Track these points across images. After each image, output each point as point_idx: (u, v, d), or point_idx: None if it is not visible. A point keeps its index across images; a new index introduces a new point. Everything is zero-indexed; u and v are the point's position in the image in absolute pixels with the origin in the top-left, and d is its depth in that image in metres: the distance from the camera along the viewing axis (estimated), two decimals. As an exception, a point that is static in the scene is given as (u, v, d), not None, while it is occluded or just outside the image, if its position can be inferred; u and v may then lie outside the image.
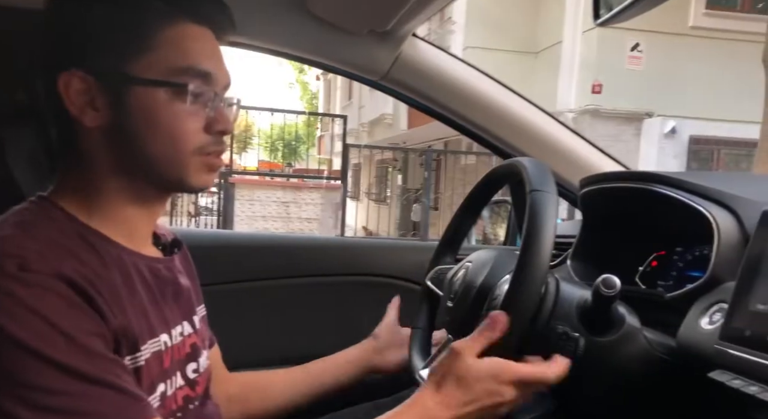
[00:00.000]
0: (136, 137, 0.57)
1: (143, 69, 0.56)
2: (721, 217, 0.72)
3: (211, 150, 0.60)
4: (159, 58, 0.56)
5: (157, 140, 0.57)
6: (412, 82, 1.10)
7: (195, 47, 0.58)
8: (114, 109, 0.56)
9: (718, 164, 7.53)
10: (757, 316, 0.57)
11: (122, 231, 0.59)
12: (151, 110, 0.57)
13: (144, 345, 0.56)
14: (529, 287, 0.63)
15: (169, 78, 0.57)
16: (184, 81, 0.57)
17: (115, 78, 0.56)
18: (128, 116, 0.57)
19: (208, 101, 0.59)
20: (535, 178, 0.69)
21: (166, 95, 0.57)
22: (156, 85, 0.56)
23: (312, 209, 7.25)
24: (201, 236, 1.28)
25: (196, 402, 0.65)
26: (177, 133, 0.58)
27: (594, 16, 0.72)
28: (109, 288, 0.53)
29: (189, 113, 0.58)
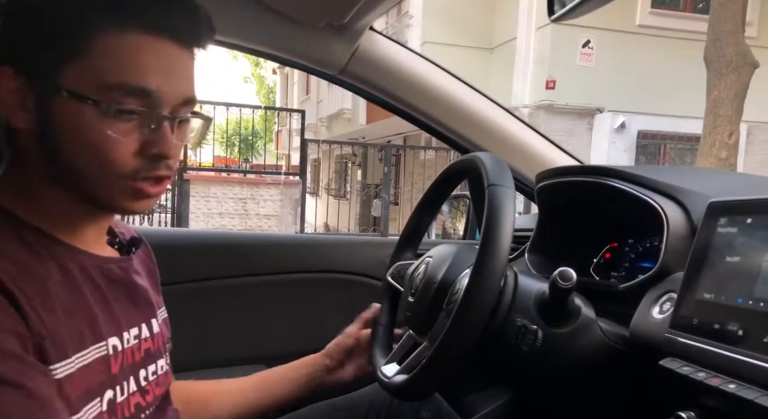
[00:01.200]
0: (61, 148, 0.52)
1: (73, 78, 0.51)
2: (670, 209, 0.74)
3: (145, 175, 0.54)
4: (92, 68, 0.51)
5: (83, 156, 0.52)
6: (370, 77, 1.09)
7: (137, 60, 0.51)
8: (41, 114, 0.52)
9: (664, 157, 7.85)
10: (703, 305, 0.60)
11: (67, 231, 0.56)
12: (76, 125, 0.51)
13: (84, 350, 0.53)
14: (488, 281, 0.63)
15: (97, 93, 0.50)
16: (113, 99, 0.51)
17: (44, 82, 0.51)
18: (53, 125, 0.52)
19: (148, 122, 0.53)
20: (492, 173, 0.70)
21: (93, 112, 0.51)
22: (81, 99, 0.50)
23: (270, 205, 7.14)
24: (153, 234, 1.23)
25: (148, 410, 0.62)
26: (103, 154, 0.52)
27: (548, 13, 0.73)
28: (39, 289, 0.49)
29: (120, 134, 0.52)
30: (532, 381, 0.76)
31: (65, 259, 0.54)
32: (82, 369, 0.52)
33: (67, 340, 0.51)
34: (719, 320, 0.57)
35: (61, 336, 0.50)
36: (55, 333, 0.50)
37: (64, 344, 0.51)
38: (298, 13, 0.98)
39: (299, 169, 7.45)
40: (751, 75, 5.57)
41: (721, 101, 5.61)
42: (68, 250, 0.55)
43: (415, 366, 0.71)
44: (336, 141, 8.59)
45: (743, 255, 0.58)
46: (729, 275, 0.58)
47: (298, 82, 16.41)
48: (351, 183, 10.32)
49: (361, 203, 9.10)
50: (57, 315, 0.50)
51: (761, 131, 7.89)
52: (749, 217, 0.58)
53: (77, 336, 0.52)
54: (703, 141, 5.80)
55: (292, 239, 1.39)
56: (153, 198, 0.57)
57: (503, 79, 7.70)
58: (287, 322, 1.19)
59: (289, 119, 8.95)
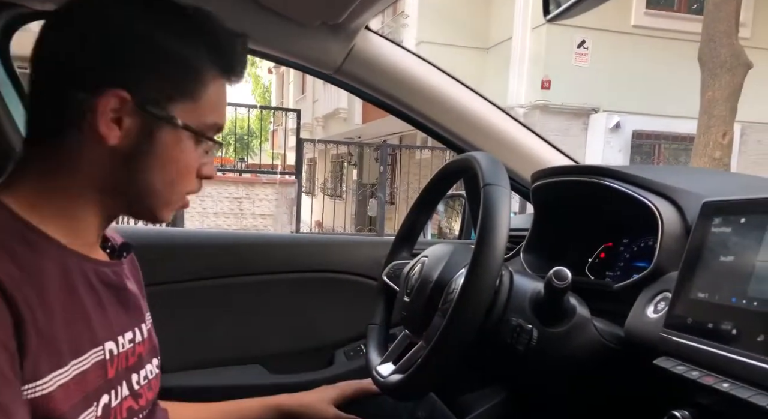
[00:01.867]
0: (146, 167, 0.57)
1: (181, 112, 0.57)
2: (664, 209, 0.74)
3: (193, 191, 0.63)
4: (197, 108, 0.58)
5: (164, 177, 0.59)
6: (366, 76, 1.09)
7: (221, 103, 0.61)
8: (140, 137, 0.56)
9: (658, 157, 7.88)
10: (698, 304, 0.60)
11: (71, 234, 0.56)
12: (173, 150, 0.58)
13: (82, 355, 0.53)
14: (484, 280, 0.63)
15: (201, 129, 0.59)
16: (210, 134, 0.60)
17: (156, 112, 0.56)
18: (150, 148, 0.57)
19: (212, 150, 0.62)
20: (488, 172, 0.70)
21: (191, 142, 0.59)
22: (188, 132, 0.58)
23: (266, 204, 7.12)
24: (149, 233, 1.23)
25: (140, 414, 0.62)
26: (183, 174, 0.60)
27: (544, 12, 0.73)
28: (41, 292, 0.49)
29: (195, 158, 0.60)
30: (527, 381, 0.76)
31: (66, 262, 0.54)
32: (80, 375, 0.52)
33: (64, 346, 0.51)
34: (713, 319, 0.57)
35: (59, 341, 0.50)
36: (52, 339, 0.49)
37: (62, 350, 0.50)
38: (293, 12, 0.98)
39: (295, 168, 7.44)
40: (745, 75, 5.60)
41: (715, 102, 5.64)
42: (70, 253, 0.55)
43: (411, 366, 0.71)
44: (332, 141, 8.59)
45: (737, 255, 0.58)
46: (723, 275, 0.59)
47: (293, 81, 16.38)
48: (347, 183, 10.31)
49: (357, 203, 9.10)
50: (57, 319, 0.50)
51: (755, 131, 7.93)
52: (743, 217, 0.59)
53: (76, 340, 0.52)
54: (697, 141, 5.82)
55: (288, 239, 1.39)
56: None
57: (499, 79, 7.72)
58: (283, 322, 1.18)
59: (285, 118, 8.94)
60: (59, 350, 0.50)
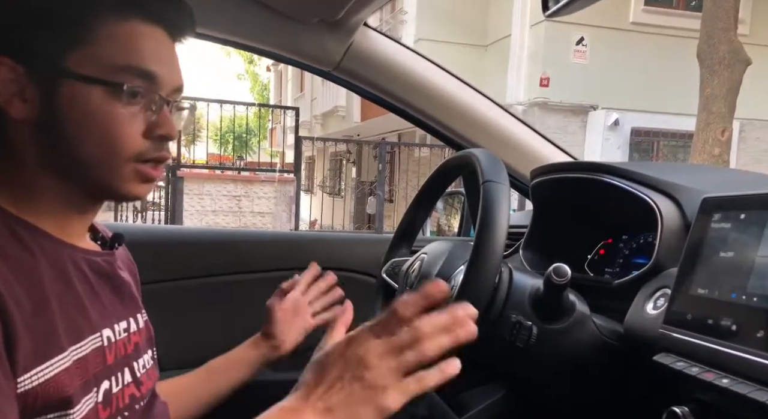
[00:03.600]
0: (66, 135, 0.53)
1: (79, 63, 0.52)
2: (664, 205, 0.74)
3: (149, 157, 0.56)
4: (97, 53, 0.52)
5: (89, 142, 0.53)
6: (365, 73, 1.09)
7: (139, 46, 0.54)
8: (44, 103, 0.52)
9: (657, 154, 7.88)
10: (697, 300, 0.60)
11: (55, 225, 0.56)
12: (85, 109, 0.52)
13: (81, 341, 0.53)
14: (483, 277, 0.63)
15: (107, 76, 0.52)
16: (122, 80, 0.53)
17: (48, 70, 0.52)
18: (59, 112, 0.52)
19: (151, 104, 0.55)
20: (487, 169, 0.70)
21: (102, 94, 0.53)
22: (90, 82, 0.52)
23: (265, 202, 7.12)
24: (148, 231, 1.23)
25: (142, 401, 0.62)
26: (112, 135, 0.54)
27: (543, 9, 0.73)
28: (32, 284, 0.49)
29: (127, 116, 0.54)
30: (526, 377, 0.76)
31: (56, 253, 0.54)
32: (79, 361, 0.52)
33: (63, 333, 0.51)
34: (713, 315, 0.57)
35: (56, 331, 0.50)
36: (48, 331, 0.49)
37: (60, 339, 0.50)
38: (291, 9, 0.98)
39: (294, 166, 7.43)
40: (744, 72, 5.60)
41: (714, 98, 5.65)
42: (57, 244, 0.55)
43: (410, 363, 0.70)
44: (330, 138, 8.58)
45: (737, 250, 0.58)
46: (722, 271, 0.58)
47: (292, 79, 16.35)
48: (345, 180, 10.31)
49: (356, 201, 9.10)
50: (52, 309, 0.50)
51: (753, 127, 7.94)
52: (742, 212, 0.59)
53: (73, 327, 0.52)
54: (696, 138, 5.83)
55: (287, 237, 1.38)
56: (154, 182, 0.59)
57: (497, 76, 7.71)
58: (282, 319, 1.18)
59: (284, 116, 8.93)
60: (57, 338, 0.50)
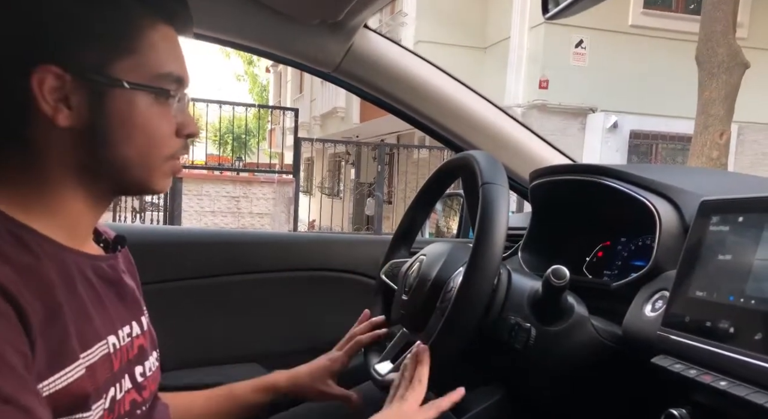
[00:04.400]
0: (111, 139, 0.55)
1: (125, 71, 0.54)
2: (662, 208, 0.75)
3: (179, 154, 0.60)
4: (141, 61, 0.55)
5: (133, 145, 0.56)
6: (365, 75, 1.09)
7: (170, 50, 0.58)
8: (92, 110, 0.54)
9: (656, 157, 7.89)
10: (696, 303, 0.60)
11: (63, 229, 0.56)
12: (131, 114, 0.55)
13: (90, 349, 0.53)
14: (482, 279, 0.63)
15: (151, 82, 0.55)
16: (165, 86, 0.56)
17: (97, 79, 0.53)
18: (106, 118, 0.54)
19: (180, 105, 0.59)
20: (486, 171, 0.70)
21: (147, 100, 0.56)
22: (139, 89, 0.55)
23: (264, 203, 7.11)
24: (147, 232, 1.23)
25: (143, 407, 0.62)
26: (155, 138, 0.57)
27: (543, 11, 0.73)
28: (42, 292, 0.49)
29: (165, 118, 0.57)
30: (525, 379, 0.76)
31: (62, 259, 0.54)
32: (90, 368, 0.52)
33: (75, 341, 0.51)
34: (711, 317, 0.57)
35: (70, 338, 0.50)
36: (62, 338, 0.49)
37: (74, 346, 0.50)
38: (292, 10, 0.98)
39: (293, 167, 7.42)
40: (742, 75, 5.61)
41: (713, 101, 5.65)
42: (63, 250, 0.54)
43: (409, 364, 0.70)
44: (329, 140, 8.57)
45: (735, 253, 0.58)
46: (721, 273, 0.59)
47: (291, 80, 16.35)
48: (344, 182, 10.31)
49: (355, 202, 9.10)
50: (64, 316, 0.50)
51: (752, 131, 7.95)
52: (741, 215, 0.59)
53: (82, 336, 0.52)
54: (695, 141, 5.83)
55: (286, 237, 1.38)
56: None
57: (496, 78, 7.72)
58: (281, 320, 1.18)
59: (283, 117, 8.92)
60: (71, 346, 0.50)
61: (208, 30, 1.02)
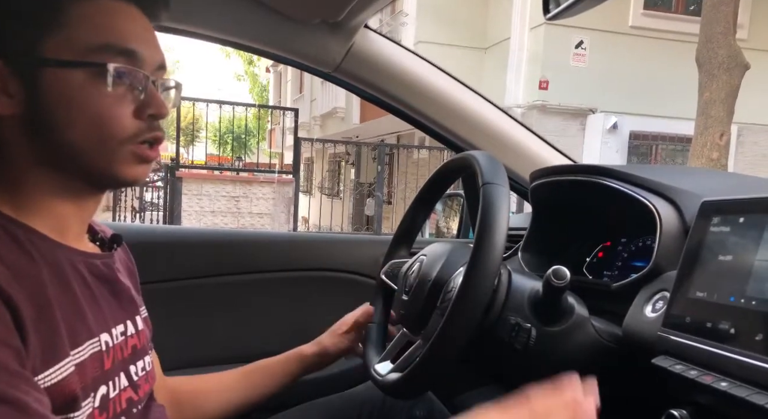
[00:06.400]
0: (56, 125, 0.52)
1: (56, 49, 0.51)
2: (663, 208, 0.74)
3: (144, 138, 0.55)
4: (73, 36, 0.51)
5: (79, 128, 0.52)
6: (365, 75, 1.09)
7: (114, 24, 0.53)
8: (28, 95, 0.51)
9: (656, 158, 7.89)
10: (696, 303, 0.60)
11: (54, 226, 0.55)
12: (70, 95, 0.51)
13: (80, 346, 0.52)
14: (482, 279, 0.63)
15: (85, 57, 0.51)
16: (103, 60, 0.51)
17: (26, 60, 0.51)
18: (44, 102, 0.51)
19: (137, 83, 0.54)
20: (487, 171, 0.70)
21: (85, 77, 0.51)
22: (71, 67, 0.51)
23: (263, 203, 7.11)
24: (146, 231, 1.23)
25: (139, 405, 0.62)
26: (101, 119, 0.52)
27: (543, 11, 0.73)
28: (34, 289, 0.49)
29: (114, 97, 0.53)
30: (525, 379, 0.76)
31: (55, 256, 0.53)
32: (78, 366, 0.51)
33: (65, 339, 0.50)
34: (711, 318, 0.57)
35: (60, 335, 0.50)
36: (52, 335, 0.49)
37: (63, 343, 0.50)
38: (292, 9, 0.98)
39: (292, 167, 7.43)
40: (742, 77, 5.62)
41: (713, 102, 5.66)
42: (56, 246, 0.54)
43: (409, 365, 0.70)
44: (329, 140, 8.57)
45: (735, 254, 0.58)
46: (721, 274, 0.59)
47: (291, 80, 16.35)
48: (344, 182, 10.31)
49: (355, 202, 9.09)
50: (54, 313, 0.50)
51: (752, 132, 7.96)
52: (742, 216, 0.59)
53: (72, 333, 0.52)
54: (695, 142, 5.83)
55: (286, 238, 1.38)
56: (151, 164, 0.57)
57: (497, 79, 7.72)
58: (280, 320, 1.18)
59: (283, 117, 8.92)
60: (61, 343, 0.50)
61: (208, 29, 1.02)
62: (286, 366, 0.87)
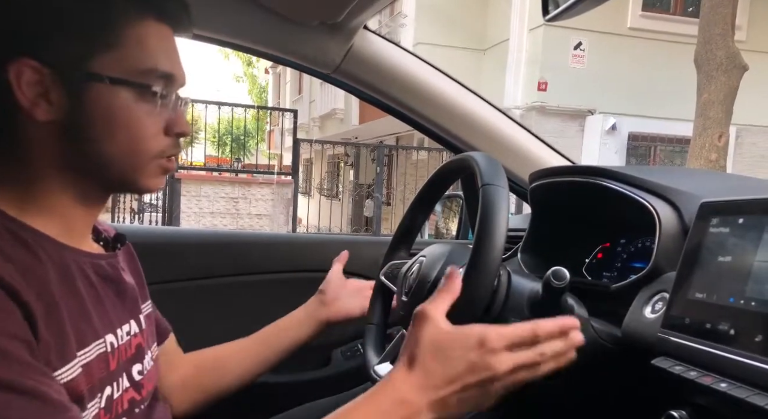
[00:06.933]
0: (93, 136, 0.54)
1: (106, 66, 0.53)
2: (662, 209, 0.74)
3: (169, 153, 0.59)
4: (123, 56, 0.54)
5: (116, 142, 0.55)
6: (364, 76, 1.09)
7: (159, 47, 0.57)
8: (71, 105, 0.53)
9: (654, 159, 7.90)
10: (695, 304, 0.60)
11: (59, 227, 0.55)
12: (112, 110, 0.54)
13: (87, 347, 0.53)
14: (482, 280, 0.63)
15: (133, 78, 0.54)
16: (149, 82, 0.55)
17: (76, 73, 0.53)
18: (86, 113, 0.53)
19: (170, 103, 0.58)
20: (486, 172, 0.70)
21: (130, 96, 0.54)
22: (120, 85, 0.54)
23: (262, 204, 7.11)
24: (145, 233, 1.23)
25: (142, 405, 0.62)
26: (139, 136, 0.56)
27: (543, 12, 0.73)
28: (42, 290, 0.49)
29: (150, 115, 0.56)
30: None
31: (62, 257, 0.53)
32: (85, 367, 0.52)
33: (72, 340, 0.51)
34: (711, 319, 0.57)
35: (68, 336, 0.50)
36: (61, 335, 0.49)
37: (71, 344, 0.50)
38: (291, 11, 0.98)
39: (291, 169, 7.43)
40: (741, 78, 5.63)
41: (711, 104, 5.67)
42: (62, 248, 0.54)
43: (409, 366, 0.70)
44: (328, 141, 8.58)
45: (735, 255, 0.58)
46: (721, 275, 0.59)
47: (290, 81, 16.36)
48: (343, 183, 10.31)
49: (354, 204, 9.10)
50: (62, 314, 0.50)
51: (750, 133, 7.97)
52: (741, 217, 0.59)
53: (79, 334, 0.52)
54: (693, 143, 5.84)
55: (285, 239, 1.38)
56: (167, 175, 0.62)
57: (495, 80, 7.73)
58: (279, 321, 1.18)
59: (282, 118, 8.93)
60: (68, 343, 0.50)
61: (208, 31, 1.02)
62: (293, 318, 0.90)
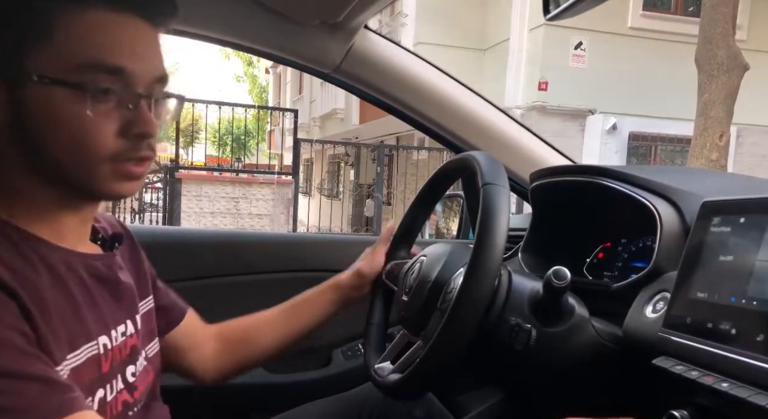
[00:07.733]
0: (38, 138, 0.51)
1: (43, 64, 0.49)
2: (663, 209, 0.74)
3: (128, 156, 0.53)
4: (59, 50, 0.49)
5: (60, 145, 0.51)
6: (365, 75, 1.09)
7: (105, 38, 0.51)
8: (12, 106, 0.50)
9: (655, 159, 7.90)
10: (697, 304, 0.60)
11: (51, 230, 0.54)
12: (52, 112, 0.50)
13: (77, 350, 0.52)
14: (482, 280, 0.63)
15: (69, 75, 0.49)
16: (87, 79, 0.50)
17: (9, 72, 0.49)
18: (27, 115, 0.50)
19: (125, 101, 0.52)
20: (487, 171, 0.70)
21: (66, 95, 0.50)
22: (52, 83, 0.49)
23: (263, 204, 7.11)
24: (146, 233, 1.22)
25: (135, 408, 0.61)
26: (82, 138, 0.51)
27: (544, 12, 0.73)
28: (33, 293, 0.48)
29: (98, 115, 0.51)
30: (525, 380, 0.76)
31: (53, 260, 0.53)
32: (75, 370, 0.51)
33: (63, 343, 0.50)
34: (712, 319, 0.57)
35: (58, 339, 0.50)
36: (51, 337, 0.49)
37: (62, 346, 0.50)
38: (292, 10, 0.98)
39: (292, 168, 7.43)
40: (742, 77, 5.62)
41: (712, 103, 5.66)
42: (54, 250, 0.53)
43: (409, 365, 0.70)
44: (329, 141, 8.58)
45: (736, 254, 0.58)
46: (722, 275, 0.58)
47: (290, 81, 16.36)
48: (344, 183, 10.31)
49: (354, 203, 9.10)
50: (52, 318, 0.50)
51: (751, 133, 7.96)
52: (742, 216, 0.59)
53: (70, 337, 0.51)
54: (694, 143, 5.84)
55: (286, 238, 1.38)
56: (139, 180, 0.56)
57: (496, 80, 7.73)
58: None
59: (282, 118, 8.93)
60: (60, 346, 0.50)
61: (208, 30, 1.02)
62: (325, 296, 0.90)
